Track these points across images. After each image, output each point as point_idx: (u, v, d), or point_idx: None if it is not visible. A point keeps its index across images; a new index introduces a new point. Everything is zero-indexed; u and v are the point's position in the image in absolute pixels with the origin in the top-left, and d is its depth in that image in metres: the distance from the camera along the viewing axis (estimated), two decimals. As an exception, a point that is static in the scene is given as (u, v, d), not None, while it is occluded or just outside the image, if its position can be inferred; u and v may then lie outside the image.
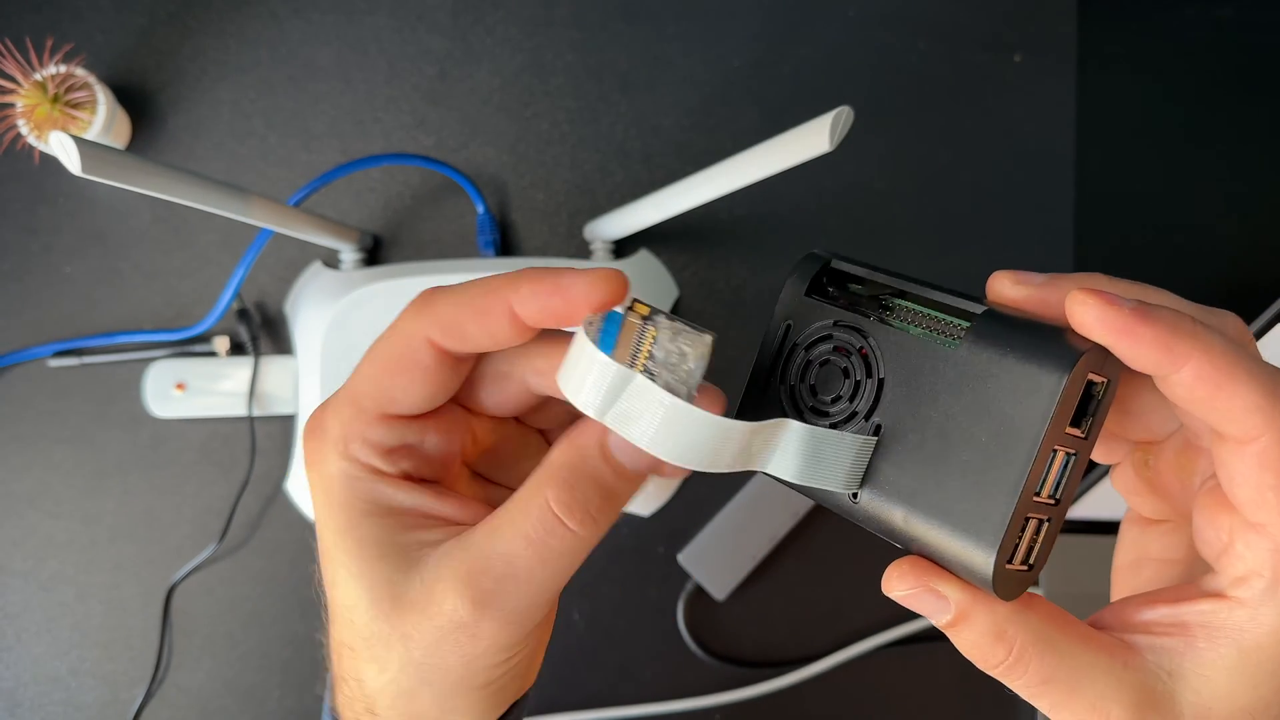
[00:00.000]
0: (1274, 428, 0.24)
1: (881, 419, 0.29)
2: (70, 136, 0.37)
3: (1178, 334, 0.25)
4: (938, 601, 0.27)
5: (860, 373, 0.29)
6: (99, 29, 0.65)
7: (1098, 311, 0.25)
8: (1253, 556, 0.26)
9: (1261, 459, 0.25)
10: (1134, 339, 0.25)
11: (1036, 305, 0.28)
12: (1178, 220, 0.66)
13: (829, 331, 0.31)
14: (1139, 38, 0.67)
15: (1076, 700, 0.26)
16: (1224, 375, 0.25)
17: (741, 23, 0.66)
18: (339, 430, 0.29)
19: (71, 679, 0.63)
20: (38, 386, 0.64)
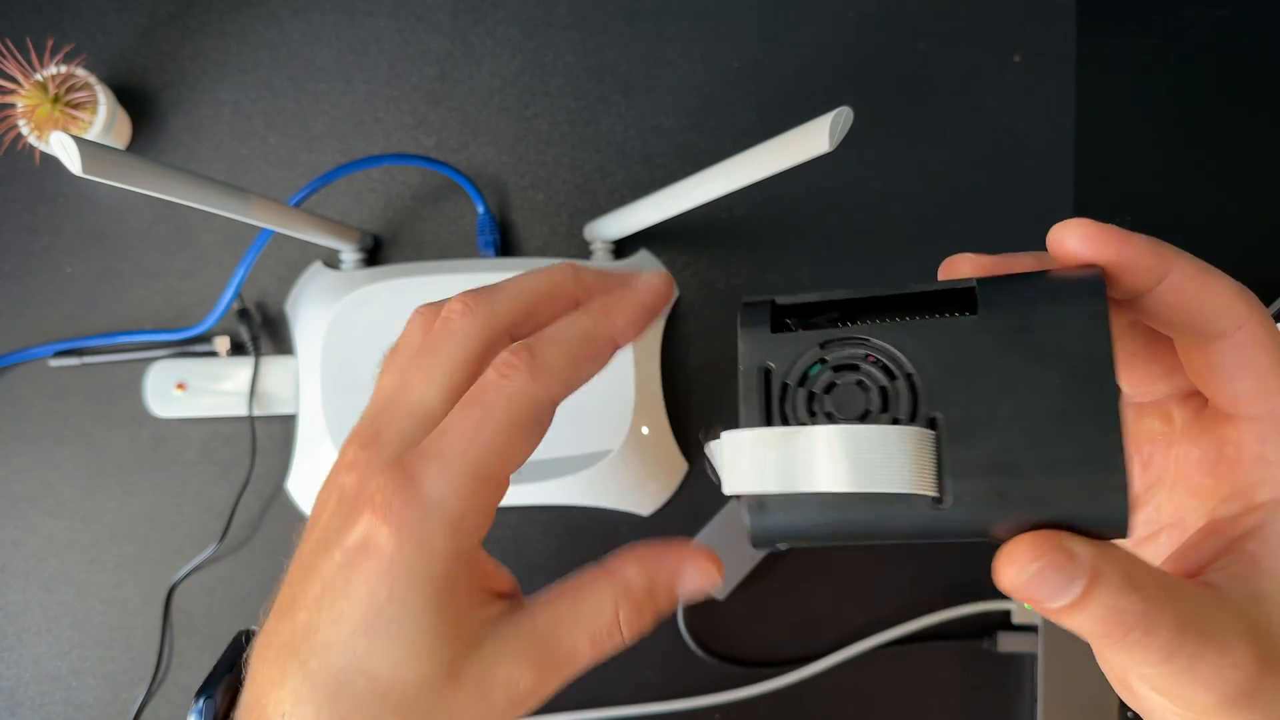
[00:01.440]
0: (1256, 312, 0.26)
1: (931, 412, 0.25)
2: (71, 137, 0.37)
3: (1160, 244, 0.26)
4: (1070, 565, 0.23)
5: (881, 378, 0.26)
6: (100, 29, 0.65)
7: (1091, 230, 0.26)
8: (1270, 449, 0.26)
9: (1253, 341, 0.26)
10: (1128, 246, 0.25)
11: (1002, 269, 0.28)
12: (1177, 220, 0.66)
13: (821, 356, 0.27)
14: (1138, 38, 0.67)
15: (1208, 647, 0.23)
16: (1205, 274, 0.26)
17: (741, 23, 0.66)
18: (458, 505, 0.27)
19: (72, 678, 0.63)
20: (39, 386, 0.64)
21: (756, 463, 0.26)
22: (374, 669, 0.26)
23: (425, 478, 0.27)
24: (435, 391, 0.29)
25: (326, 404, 0.61)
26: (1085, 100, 0.66)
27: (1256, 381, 0.26)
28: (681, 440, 0.64)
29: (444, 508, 0.27)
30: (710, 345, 0.65)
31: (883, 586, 0.64)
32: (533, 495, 0.61)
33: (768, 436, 0.26)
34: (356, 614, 0.26)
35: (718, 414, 0.64)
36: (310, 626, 0.27)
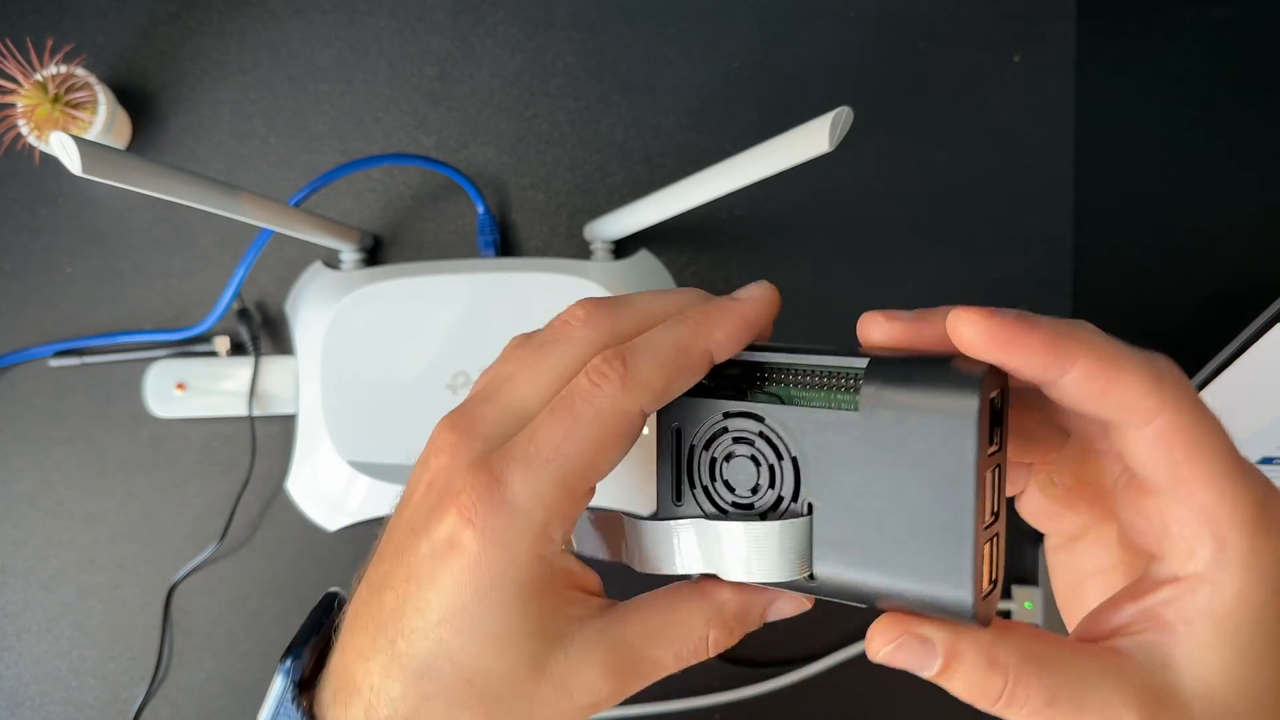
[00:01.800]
0: (1168, 405, 0.25)
1: (809, 496, 0.28)
2: (71, 136, 0.37)
3: (1061, 336, 0.26)
4: (923, 647, 0.27)
5: (771, 456, 0.29)
6: (100, 29, 0.65)
7: (983, 325, 0.26)
8: (1189, 531, 0.26)
9: (1164, 436, 0.26)
10: (1021, 347, 0.26)
11: (912, 339, 0.28)
12: (1177, 220, 0.66)
13: (723, 425, 0.30)
14: (1138, 38, 0.67)
15: (1086, 716, 0.25)
16: (1112, 368, 0.26)
17: (741, 23, 0.66)
18: (541, 514, 0.27)
19: (72, 678, 0.63)
20: (39, 386, 0.64)
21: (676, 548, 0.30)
22: (459, 658, 0.27)
23: (511, 484, 0.27)
24: (537, 392, 0.29)
25: (326, 404, 0.61)
26: (1085, 100, 0.66)
27: (1171, 471, 0.26)
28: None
29: (528, 516, 0.27)
30: (710, 345, 0.65)
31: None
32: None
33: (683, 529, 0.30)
34: (443, 607, 0.27)
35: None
36: (398, 609, 0.28)
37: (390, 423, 0.61)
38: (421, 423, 0.64)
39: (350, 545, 0.64)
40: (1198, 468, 0.25)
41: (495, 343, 0.63)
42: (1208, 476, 0.25)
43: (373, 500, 0.62)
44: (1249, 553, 0.25)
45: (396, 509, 0.31)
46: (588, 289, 0.61)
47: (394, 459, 0.60)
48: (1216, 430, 0.26)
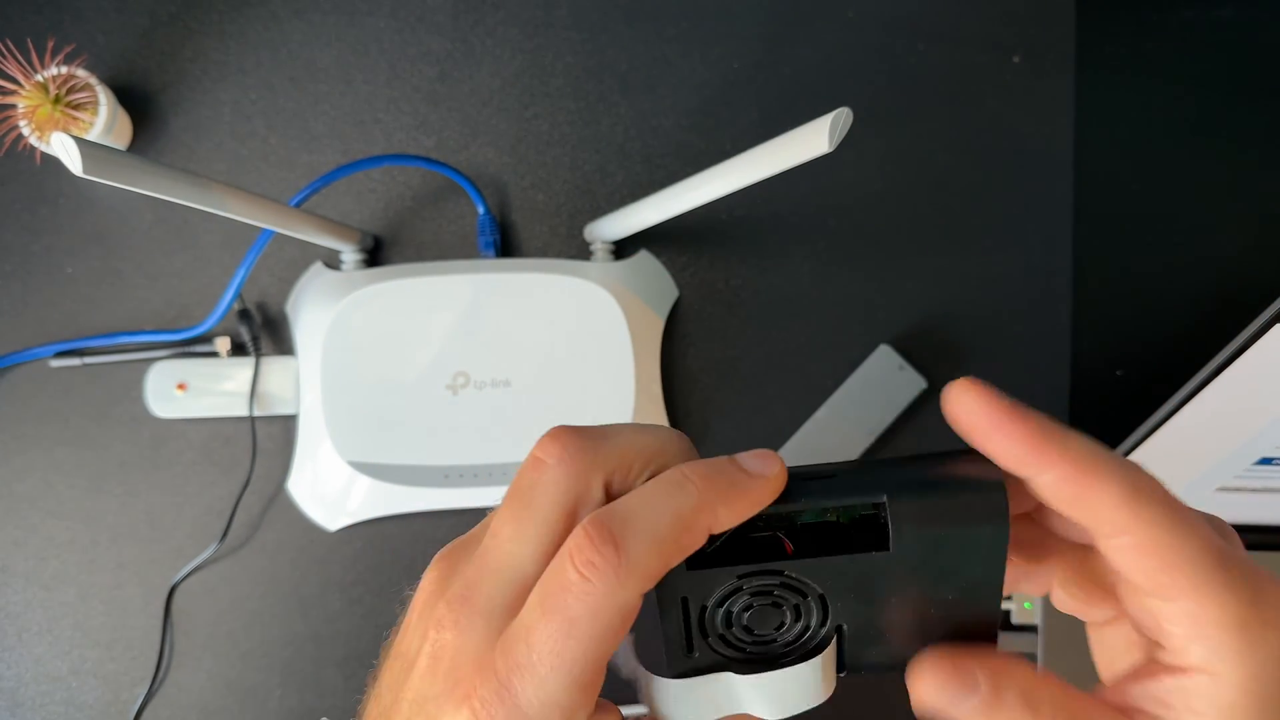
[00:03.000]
0: (1141, 521, 0.26)
1: (837, 620, 0.28)
2: (72, 137, 0.37)
3: (1048, 435, 0.26)
4: (968, 679, 0.27)
5: (795, 597, 0.28)
6: (100, 30, 0.65)
7: (978, 400, 0.27)
8: (1180, 630, 0.27)
9: (1138, 549, 0.26)
10: (1008, 435, 0.26)
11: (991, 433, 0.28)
12: (1177, 220, 0.66)
13: (738, 585, 0.28)
14: (1137, 39, 0.67)
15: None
16: (1088, 475, 0.26)
17: (741, 24, 0.66)
18: (558, 715, 0.26)
19: (73, 678, 0.63)
20: (39, 387, 0.64)
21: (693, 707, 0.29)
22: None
23: (522, 693, 0.26)
24: (527, 551, 0.28)
25: (327, 404, 0.61)
26: (1084, 101, 0.66)
27: (1150, 579, 0.26)
28: (681, 440, 0.64)
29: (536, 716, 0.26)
30: (710, 346, 0.65)
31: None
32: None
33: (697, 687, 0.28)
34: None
35: (715, 415, 0.65)
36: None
37: (391, 423, 0.61)
38: (422, 423, 0.64)
39: (351, 545, 0.64)
40: (1175, 578, 0.26)
41: (496, 343, 0.64)
42: (1188, 585, 0.26)
43: (373, 500, 0.62)
44: (1243, 648, 0.26)
45: (391, 657, 0.29)
46: (588, 289, 0.61)
47: (395, 459, 0.60)
48: (1194, 537, 0.27)
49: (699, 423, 0.64)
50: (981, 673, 0.27)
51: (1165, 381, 0.51)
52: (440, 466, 0.60)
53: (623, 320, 0.61)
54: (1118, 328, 0.65)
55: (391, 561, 0.64)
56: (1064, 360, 0.65)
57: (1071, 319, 0.65)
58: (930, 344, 0.65)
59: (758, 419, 0.64)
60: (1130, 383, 0.65)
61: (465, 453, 0.61)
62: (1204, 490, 0.58)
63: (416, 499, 0.62)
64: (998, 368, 0.65)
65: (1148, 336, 0.65)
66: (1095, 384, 0.65)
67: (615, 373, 0.61)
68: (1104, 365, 0.65)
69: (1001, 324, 0.65)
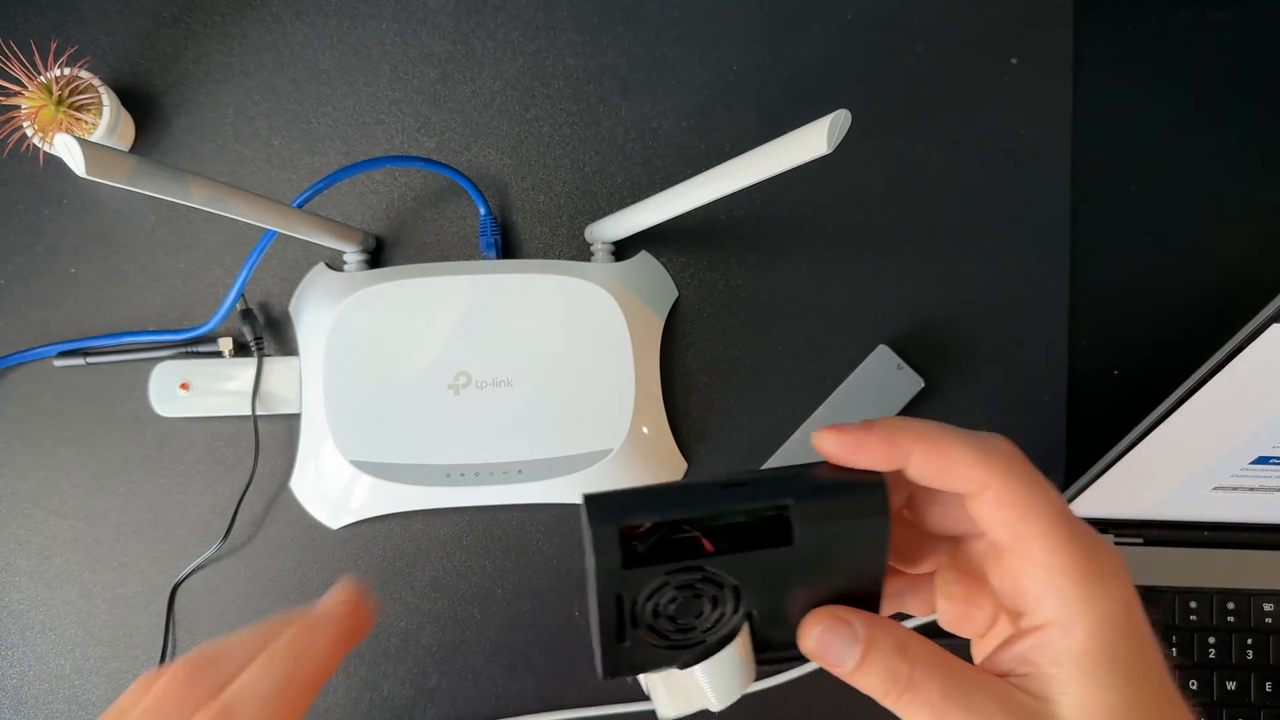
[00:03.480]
0: (997, 474, 0.31)
1: (748, 606, 0.33)
2: (75, 139, 0.37)
3: (896, 430, 0.32)
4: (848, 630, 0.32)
5: (713, 589, 0.32)
6: (103, 32, 0.65)
7: (834, 439, 0.32)
8: (1034, 584, 0.31)
9: (999, 501, 0.31)
10: (865, 448, 0.32)
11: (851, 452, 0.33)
12: (1174, 221, 0.66)
13: (665, 580, 0.32)
14: (1135, 40, 0.67)
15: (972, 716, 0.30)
16: (941, 447, 0.31)
17: (740, 26, 0.66)
18: None
19: (76, 677, 0.64)
20: (43, 386, 0.64)
21: (663, 697, 0.34)
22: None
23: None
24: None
25: (329, 404, 0.61)
26: (1082, 102, 0.66)
27: (1009, 530, 0.31)
28: (681, 440, 0.64)
29: None
30: (709, 346, 0.65)
31: (881, 585, 0.64)
32: (535, 494, 0.62)
33: (666, 679, 0.34)
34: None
35: (715, 415, 0.65)
36: None
37: (393, 422, 0.61)
38: (424, 422, 0.65)
39: (353, 543, 0.64)
40: (1029, 526, 0.31)
41: (497, 343, 0.64)
42: (1039, 532, 0.31)
43: (375, 499, 0.62)
44: (1088, 597, 0.30)
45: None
46: (588, 290, 0.62)
47: (396, 458, 0.61)
48: (1046, 492, 0.31)
49: (699, 423, 0.65)
50: (859, 622, 0.32)
51: (1162, 381, 0.52)
52: (442, 465, 0.61)
53: (623, 320, 0.62)
54: (1115, 328, 0.66)
55: (393, 560, 0.64)
56: (1061, 360, 0.65)
57: (1069, 319, 0.65)
58: (928, 344, 0.65)
59: (757, 419, 0.65)
60: (1127, 382, 0.65)
61: (466, 452, 0.61)
62: (1201, 489, 0.59)
63: (418, 498, 0.62)
64: (995, 368, 0.65)
65: (1145, 336, 0.65)
66: (1092, 384, 0.65)
67: (615, 373, 0.62)
68: (1101, 365, 0.65)
69: (999, 324, 0.65)
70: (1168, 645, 0.61)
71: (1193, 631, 0.62)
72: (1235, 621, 0.62)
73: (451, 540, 0.64)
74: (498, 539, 0.64)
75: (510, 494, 0.61)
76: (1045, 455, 0.65)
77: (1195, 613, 0.62)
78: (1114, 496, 0.59)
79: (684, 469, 0.64)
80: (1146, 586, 0.62)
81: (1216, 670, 0.61)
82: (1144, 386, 0.65)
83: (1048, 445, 0.65)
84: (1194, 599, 0.62)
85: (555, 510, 0.64)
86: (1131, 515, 0.62)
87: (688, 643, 0.33)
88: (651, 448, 0.63)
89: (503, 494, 0.61)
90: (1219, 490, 0.59)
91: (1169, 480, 0.58)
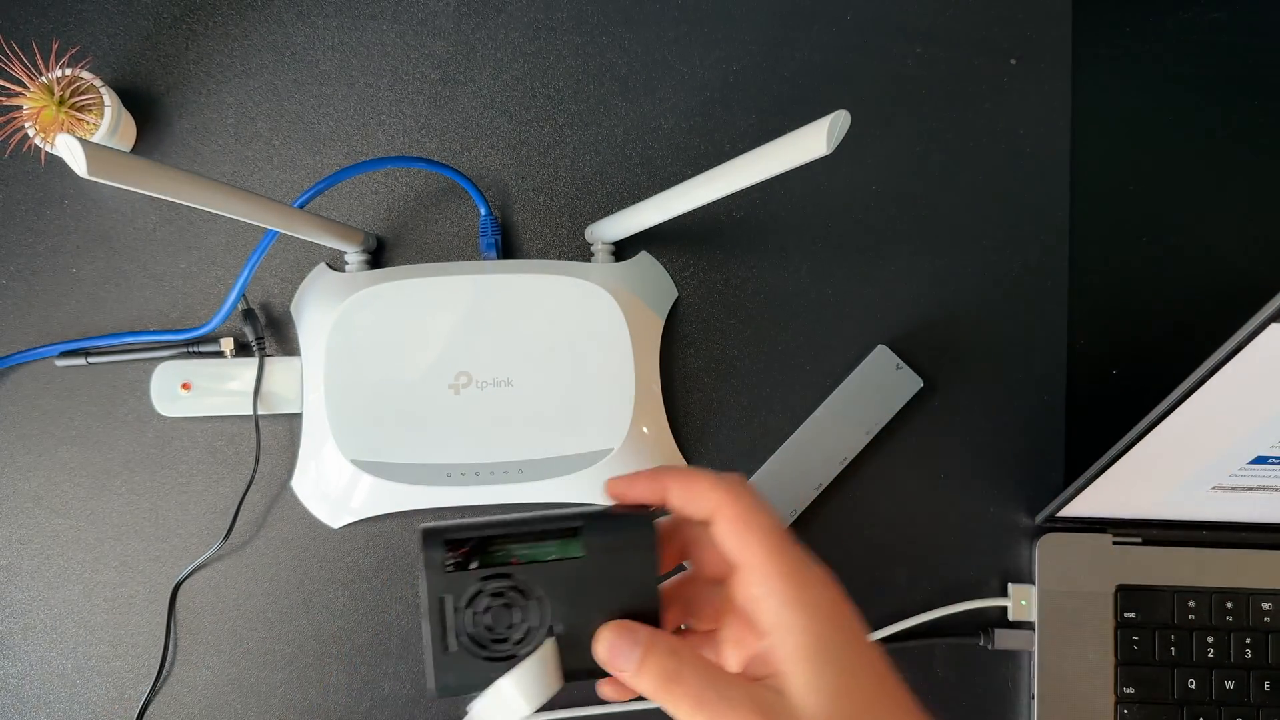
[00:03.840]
0: (727, 498, 0.39)
1: (554, 621, 0.40)
2: (76, 139, 0.37)
3: (657, 474, 0.41)
4: (632, 636, 0.39)
5: (522, 600, 0.40)
6: (105, 32, 0.66)
7: (615, 482, 0.42)
8: (759, 592, 0.38)
9: (730, 520, 0.39)
10: (637, 484, 0.41)
11: (634, 492, 0.42)
12: (1173, 222, 0.66)
13: (480, 587, 0.39)
14: (1134, 40, 0.67)
15: (727, 713, 0.36)
16: (688, 481, 0.40)
17: (740, 27, 0.66)
18: None
19: (77, 676, 0.64)
20: (45, 386, 0.64)
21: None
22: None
23: None
24: None
25: (330, 404, 0.61)
26: (1081, 102, 0.67)
27: (736, 542, 0.39)
28: (681, 440, 0.64)
29: None
30: (709, 346, 0.65)
31: (880, 584, 0.64)
32: (535, 493, 0.62)
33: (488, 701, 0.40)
34: None
35: (715, 415, 0.65)
36: None
37: (394, 422, 0.61)
38: (425, 422, 0.65)
39: (354, 542, 0.64)
40: (750, 539, 0.38)
41: (497, 343, 0.64)
42: (757, 542, 0.38)
43: (376, 498, 0.62)
44: (799, 597, 0.38)
45: None
46: (588, 290, 0.62)
47: (397, 458, 0.61)
48: (765, 513, 0.39)
49: (698, 422, 0.65)
50: (641, 631, 0.39)
51: (1161, 381, 0.52)
52: (442, 465, 0.61)
53: (623, 321, 0.62)
54: (1114, 327, 0.66)
55: (394, 559, 0.64)
56: (1060, 360, 0.65)
57: (1068, 319, 0.65)
58: (927, 344, 0.65)
59: (757, 418, 0.65)
60: (1126, 382, 0.65)
61: (467, 451, 0.61)
62: (1199, 488, 0.59)
63: (419, 497, 0.62)
64: (994, 367, 0.65)
65: (1143, 336, 0.66)
66: (1091, 383, 0.65)
67: (616, 372, 0.62)
68: (1100, 365, 0.65)
69: (998, 324, 0.65)
70: (1166, 645, 0.62)
71: (1191, 631, 0.62)
72: (1234, 621, 0.62)
73: (452, 540, 0.64)
74: (498, 538, 0.64)
75: (510, 494, 0.62)
76: (1044, 455, 0.65)
77: (1194, 612, 0.62)
78: (1113, 496, 0.59)
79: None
80: (1145, 586, 0.62)
81: (1215, 669, 0.61)
82: (1143, 386, 0.65)
83: (1047, 445, 0.65)
84: (1193, 598, 0.62)
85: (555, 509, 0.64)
86: (1130, 515, 0.62)
87: (502, 655, 0.40)
88: (651, 448, 0.63)
89: (503, 494, 0.62)
90: (1218, 490, 0.59)
91: (1168, 480, 0.58)
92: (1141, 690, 0.61)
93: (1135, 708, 0.61)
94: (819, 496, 0.64)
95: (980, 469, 0.65)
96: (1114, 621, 0.62)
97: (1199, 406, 0.50)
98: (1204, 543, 0.63)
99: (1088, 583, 0.62)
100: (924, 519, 0.65)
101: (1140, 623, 0.62)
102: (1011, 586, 0.63)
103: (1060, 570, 0.63)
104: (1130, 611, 0.62)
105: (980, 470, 0.65)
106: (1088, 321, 0.66)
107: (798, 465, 0.63)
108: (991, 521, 0.65)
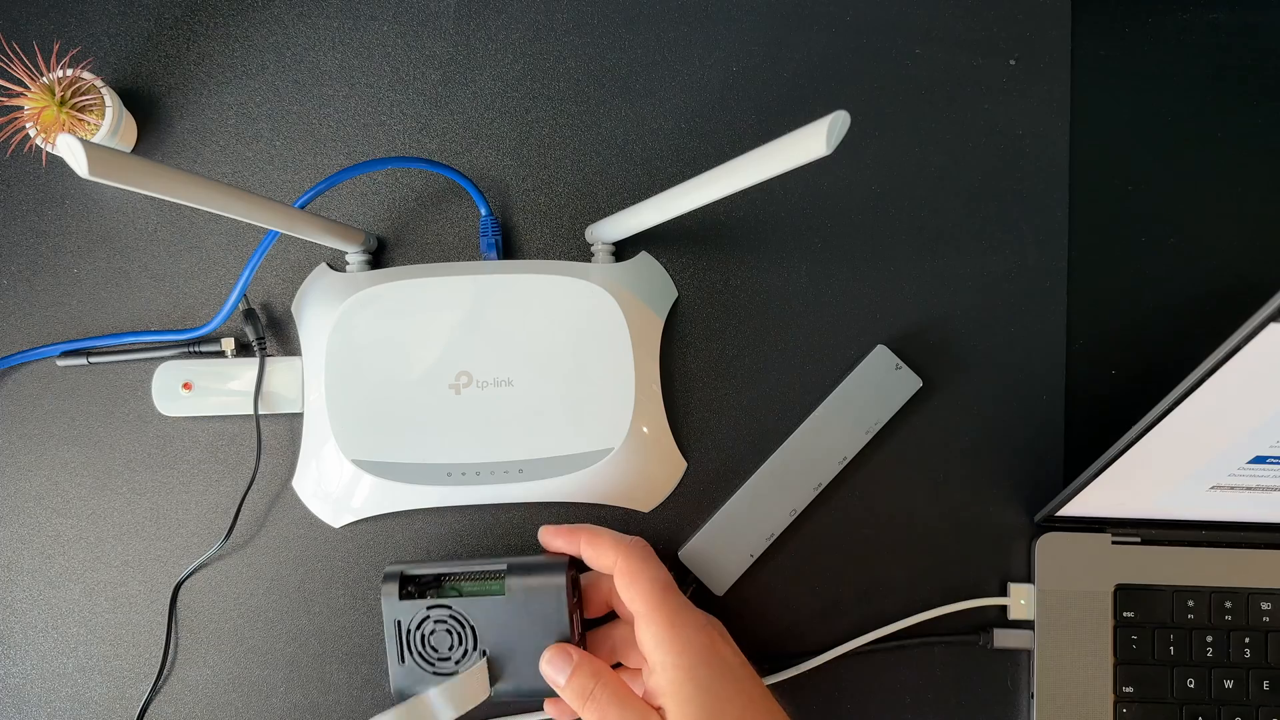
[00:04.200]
0: (622, 555, 0.53)
1: (483, 645, 0.55)
2: (78, 139, 0.37)
3: (574, 532, 0.55)
4: (567, 655, 0.53)
5: (459, 627, 0.55)
6: (106, 33, 0.66)
7: (544, 536, 0.57)
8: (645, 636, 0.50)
9: (624, 574, 0.52)
10: (559, 535, 0.56)
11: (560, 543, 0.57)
12: (1172, 222, 0.66)
13: (426, 614, 0.55)
14: (1133, 41, 0.67)
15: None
16: (595, 539, 0.54)
17: (740, 28, 0.67)
18: None
19: (78, 675, 0.64)
20: (46, 386, 0.65)
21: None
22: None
23: None
24: None
25: (331, 404, 0.61)
26: (1080, 103, 0.67)
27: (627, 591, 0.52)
28: (680, 440, 0.65)
29: None
30: (709, 346, 0.65)
31: (878, 584, 0.64)
32: (536, 492, 0.62)
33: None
34: None
35: (715, 415, 0.65)
36: None
37: (394, 422, 0.61)
38: (425, 422, 0.65)
39: (355, 542, 0.64)
40: (638, 590, 0.51)
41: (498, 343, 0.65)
42: (643, 593, 0.50)
43: (377, 498, 0.63)
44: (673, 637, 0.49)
45: None
46: (588, 290, 0.62)
47: (398, 458, 0.61)
48: (654, 567, 0.52)
49: (698, 422, 0.65)
50: (574, 652, 0.53)
51: (1160, 381, 0.52)
52: (443, 465, 0.61)
53: (623, 321, 0.62)
54: (1113, 327, 0.66)
55: (395, 558, 0.64)
56: (1059, 360, 0.65)
57: (1066, 319, 0.66)
58: (926, 344, 0.65)
59: (756, 419, 0.65)
60: (1125, 382, 0.65)
61: (468, 451, 0.61)
62: (1197, 488, 0.59)
63: (420, 497, 0.62)
64: (993, 367, 0.65)
65: (1143, 336, 0.66)
66: (1090, 383, 0.65)
67: (616, 372, 0.62)
68: (1099, 364, 0.66)
69: (997, 324, 0.65)
70: (1165, 644, 0.62)
71: (1190, 630, 0.62)
72: (1233, 620, 0.62)
73: (452, 539, 0.64)
74: (498, 538, 0.64)
75: (511, 493, 0.62)
76: (1043, 455, 0.65)
77: (1193, 611, 0.62)
78: (1112, 496, 0.59)
79: (683, 469, 0.64)
80: (1144, 585, 0.62)
81: (1214, 669, 0.62)
82: (1142, 386, 0.65)
83: (1046, 445, 0.65)
84: (1192, 598, 0.62)
85: (556, 510, 0.64)
86: (1129, 514, 0.62)
87: (447, 670, 0.55)
88: (651, 447, 0.63)
89: (503, 493, 0.62)
90: (1217, 489, 0.59)
91: (1167, 479, 0.58)
92: (1140, 689, 0.62)
93: (1134, 707, 0.61)
94: (818, 496, 0.64)
95: (979, 468, 0.65)
96: (1113, 621, 0.62)
97: (1198, 406, 0.50)
98: (1203, 542, 0.63)
99: (1087, 582, 0.63)
100: (923, 518, 0.65)
101: (1139, 622, 0.62)
102: (1010, 586, 0.64)
103: (1059, 570, 0.63)
104: (1129, 611, 0.62)
105: (979, 470, 0.65)
106: (1087, 321, 0.66)
107: (797, 465, 0.63)
108: (990, 521, 0.65)
